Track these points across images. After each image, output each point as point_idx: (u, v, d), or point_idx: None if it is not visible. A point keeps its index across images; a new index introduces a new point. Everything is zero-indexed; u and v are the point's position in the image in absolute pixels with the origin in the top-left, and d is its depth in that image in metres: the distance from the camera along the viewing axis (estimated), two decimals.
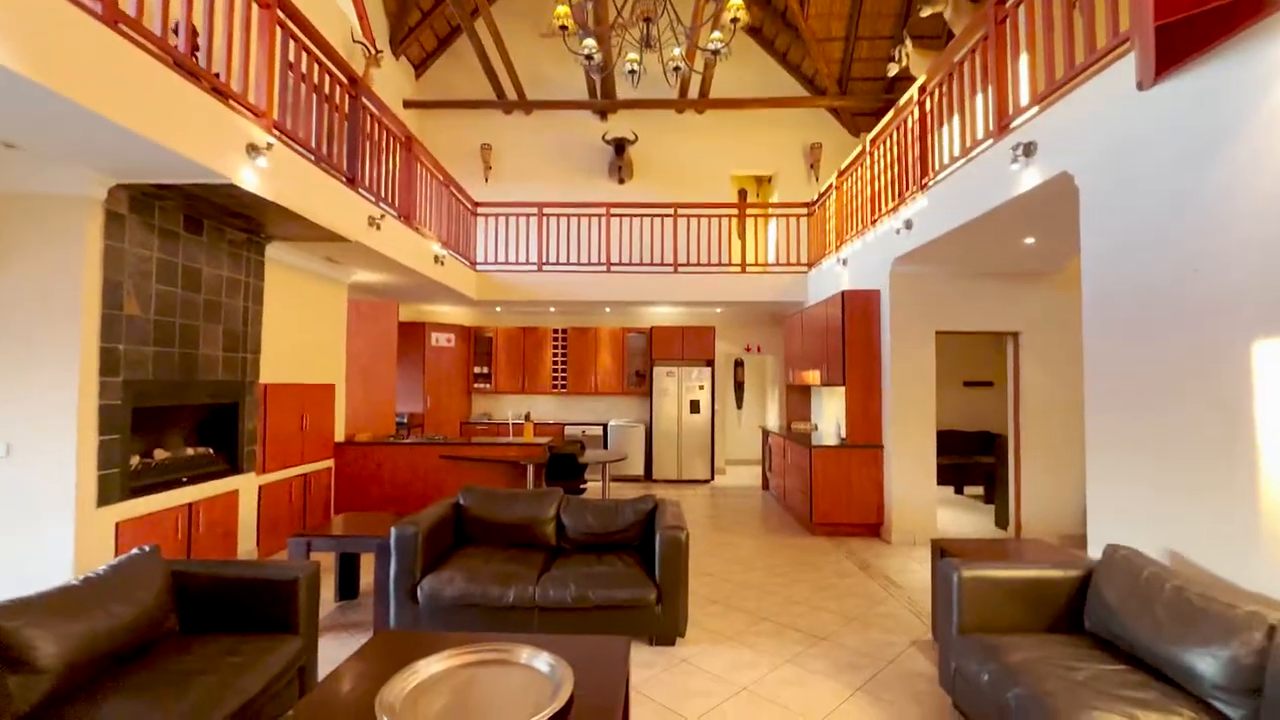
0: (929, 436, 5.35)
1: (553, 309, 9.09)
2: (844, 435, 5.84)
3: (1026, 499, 5.37)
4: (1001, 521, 5.81)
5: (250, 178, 3.44)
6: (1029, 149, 3.37)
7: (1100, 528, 2.89)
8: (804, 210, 8.02)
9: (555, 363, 9.17)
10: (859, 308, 5.67)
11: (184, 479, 3.95)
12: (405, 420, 8.05)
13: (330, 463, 5.78)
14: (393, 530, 3.23)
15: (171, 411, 4.05)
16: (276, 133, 3.70)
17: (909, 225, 4.88)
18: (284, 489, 5.00)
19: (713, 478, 8.59)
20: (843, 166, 6.57)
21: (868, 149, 5.82)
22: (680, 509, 3.78)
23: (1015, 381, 5.48)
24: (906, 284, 5.42)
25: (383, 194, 5.39)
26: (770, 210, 8.83)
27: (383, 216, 5.03)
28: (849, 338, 5.65)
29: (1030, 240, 4.52)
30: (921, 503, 5.35)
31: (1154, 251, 2.60)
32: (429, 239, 6.28)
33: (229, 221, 4.16)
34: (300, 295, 5.35)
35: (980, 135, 3.95)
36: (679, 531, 3.22)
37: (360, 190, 4.84)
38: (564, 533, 3.77)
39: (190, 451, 4.18)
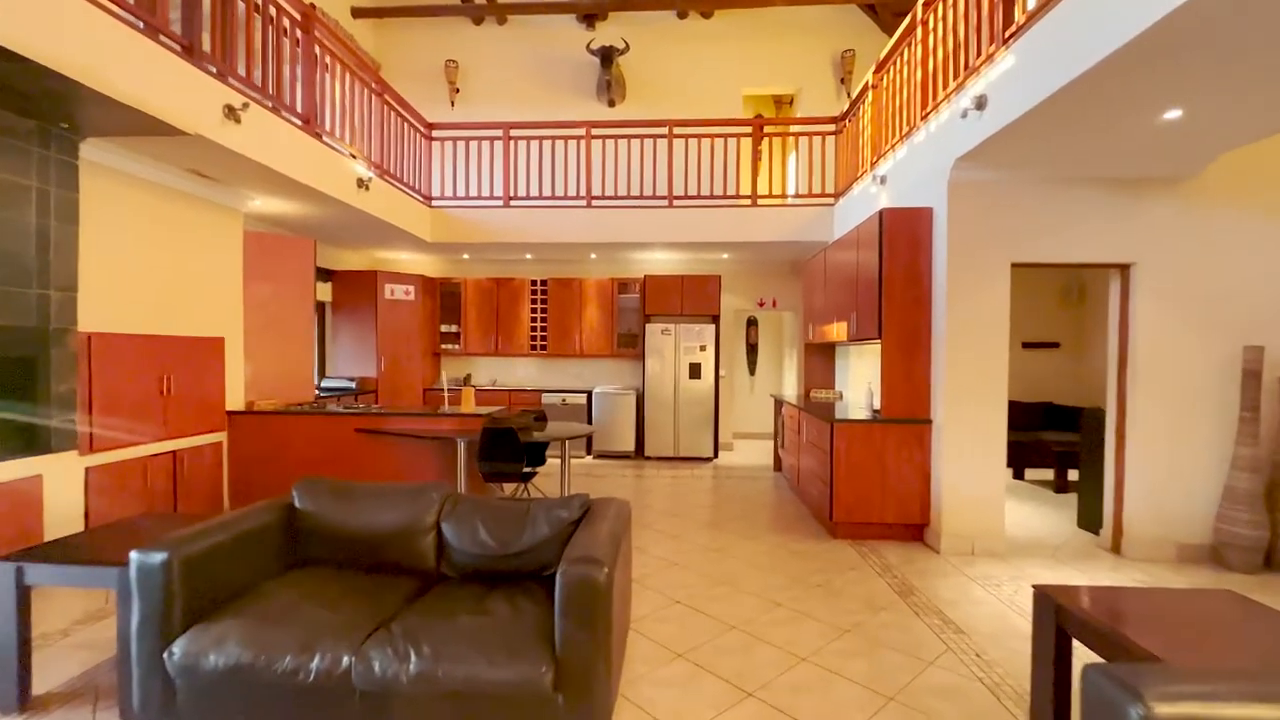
0: (997, 409, 3.91)
1: (529, 255, 7.73)
2: (877, 407, 4.43)
3: (1131, 494, 3.91)
4: (1089, 521, 4.36)
5: None
6: None
7: None
8: (831, 126, 6.43)
9: (534, 319, 7.85)
10: (903, 233, 4.17)
11: None
12: (355, 386, 6.86)
13: (221, 436, 4.60)
14: (132, 558, 1.98)
15: None
16: None
17: (981, 104, 3.36)
18: (134, 472, 3.83)
19: (716, 455, 7.26)
20: (882, 56, 4.97)
21: (919, 17, 4.24)
22: (626, 516, 2.47)
23: (1122, 334, 3.97)
24: (972, 197, 3.90)
25: (268, 88, 4.07)
26: (789, 128, 7.21)
27: (246, 106, 3.69)
28: (888, 275, 4.18)
29: (1173, 114, 2.97)
30: (984, 498, 3.93)
31: None
32: (349, 155, 4.95)
33: None
34: (160, 220, 4.09)
35: None
36: (594, 570, 1.89)
37: (208, 67, 3.51)
38: (446, 552, 2.49)
39: None
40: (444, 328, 7.98)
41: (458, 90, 8.03)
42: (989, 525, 3.92)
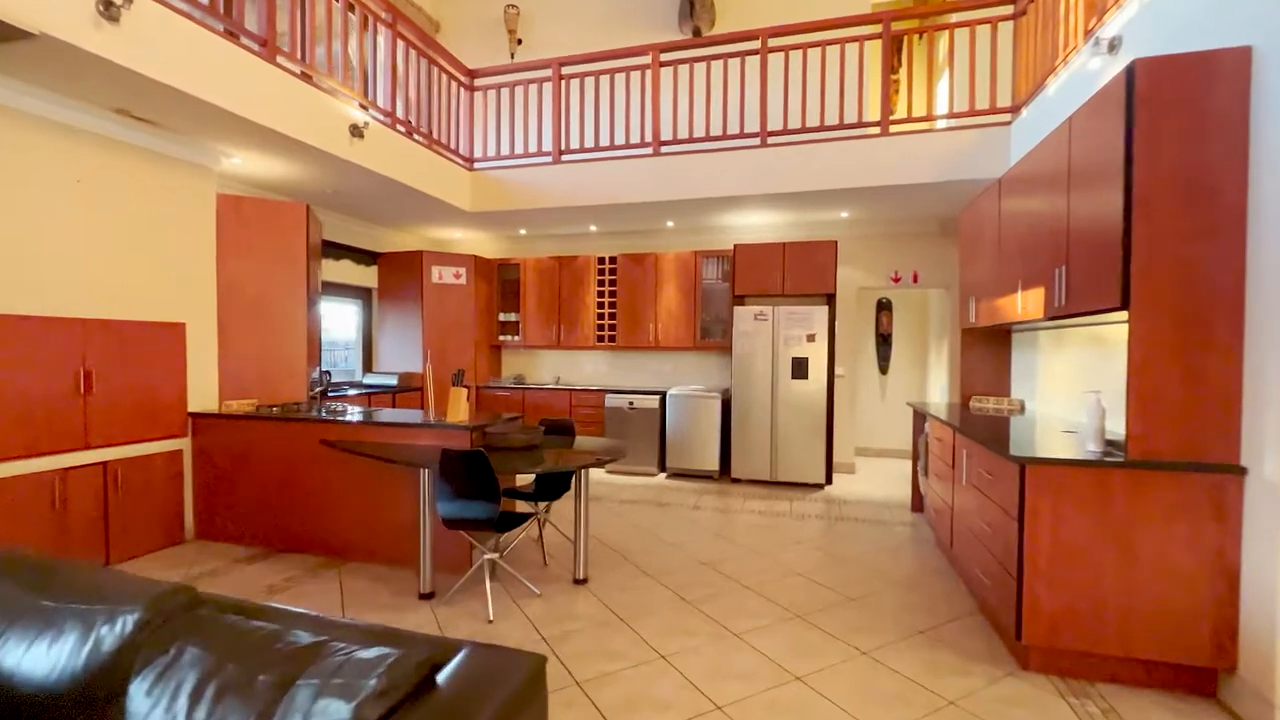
0: None
1: (593, 227, 6.41)
2: (1115, 435, 2.47)
3: None
4: None
5: None
6: None
7: None
8: (1007, 9, 4.35)
9: (601, 305, 6.52)
10: (1177, 106, 2.18)
11: None
12: (396, 384, 5.99)
13: (181, 443, 3.78)
14: None
15: None
16: None
17: None
18: (36, 491, 3.02)
19: (829, 481, 5.42)
20: None
21: None
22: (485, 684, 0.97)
23: None
24: None
25: None
26: (945, 18, 5.13)
27: (129, 2, 2.70)
28: (1144, 188, 2.21)
29: None
30: None
31: None
32: (333, 92, 3.92)
33: None
34: (87, 176, 3.28)
35: None
36: None
37: None
38: None
39: None
40: (503, 316, 6.92)
41: (520, 41, 6.91)
42: None
